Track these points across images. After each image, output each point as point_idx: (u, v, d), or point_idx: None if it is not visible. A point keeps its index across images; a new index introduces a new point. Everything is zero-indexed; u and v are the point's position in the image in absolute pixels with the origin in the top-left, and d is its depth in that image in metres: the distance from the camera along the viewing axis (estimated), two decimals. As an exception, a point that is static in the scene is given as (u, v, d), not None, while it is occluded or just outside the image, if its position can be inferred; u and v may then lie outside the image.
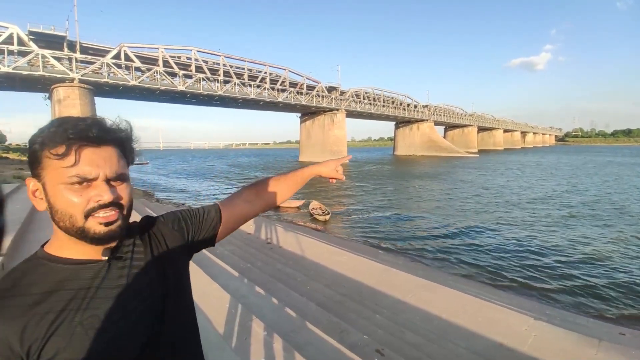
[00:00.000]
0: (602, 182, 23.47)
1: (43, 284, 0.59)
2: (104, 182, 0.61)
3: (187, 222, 0.80)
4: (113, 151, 0.63)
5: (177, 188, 24.41)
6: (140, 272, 0.67)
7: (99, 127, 0.61)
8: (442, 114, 74.51)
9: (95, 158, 0.60)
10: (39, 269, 0.61)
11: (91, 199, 0.60)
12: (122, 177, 0.64)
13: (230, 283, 4.17)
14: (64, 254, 0.63)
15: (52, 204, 0.60)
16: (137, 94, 37.37)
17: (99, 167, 0.60)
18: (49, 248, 0.64)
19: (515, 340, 3.44)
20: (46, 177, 0.59)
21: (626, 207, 14.30)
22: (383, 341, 3.23)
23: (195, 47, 37.87)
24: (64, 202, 0.59)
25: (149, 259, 0.70)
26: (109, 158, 0.62)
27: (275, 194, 0.97)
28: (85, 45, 31.25)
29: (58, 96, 29.01)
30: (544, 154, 70.90)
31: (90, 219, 0.60)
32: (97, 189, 0.60)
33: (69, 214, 0.59)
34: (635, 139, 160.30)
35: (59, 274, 0.61)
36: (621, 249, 8.74)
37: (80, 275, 0.62)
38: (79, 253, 0.63)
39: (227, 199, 0.92)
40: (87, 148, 0.60)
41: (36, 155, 0.59)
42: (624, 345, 3.67)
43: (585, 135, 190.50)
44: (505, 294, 5.92)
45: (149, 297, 0.66)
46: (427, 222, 12.20)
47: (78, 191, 0.59)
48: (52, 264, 0.62)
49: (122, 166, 0.65)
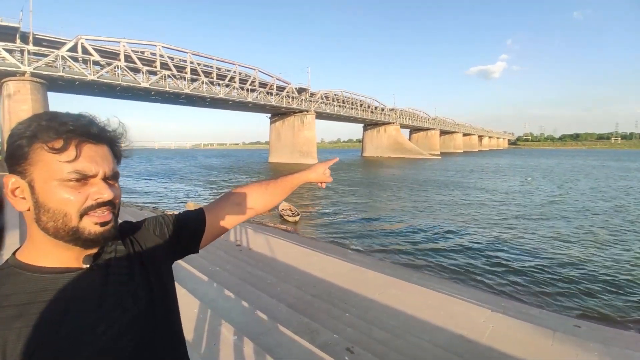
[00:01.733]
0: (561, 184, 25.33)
1: (19, 296, 0.55)
2: (103, 179, 0.59)
3: (170, 227, 0.78)
4: (107, 149, 0.62)
5: (142, 190, 23.31)
6: (124, 280, 0.65)
7: (97, 124, 0.60)
8: (408, 117, 77.14)
9: (94, 155, 0.58)
10: (13, 279, 0.56)
11: (90, 196, 0.57)
12: (117, 176, 0.63)
13: (199, 287, 4.08)
14: (40, 262, 0.59)
15: (41, 203, 0.55)
16: (95, 89, 35.19)
17: (98, 165, 0.58)
18: (22, 256, 0.60)
19: (475, 332, 3.65)
20: (35, 173, 0.55)
21: (582, 205, 15.57)
22: (352, 339, 3.32)
23: (160, 42, 36.36)
24: (58, 200, 0.55)
25: (132, 266, 0.67)
26: (105, 156, 0.60)
27: (264, 200, 0.94)
28: (39, 36, 29.01)
29: (8, 91, 26.75)
30: (500, 157, 75.43)
31: (85, 219, 0.57)
32: (97, 187, 0.58)
33: (63, 213, 0.55)
34: (582, 142, 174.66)
35: (36, 284, 0.56)
36: (576, 244, 9.50)
37: (60, 284, 0.58)
38: (58, 261, 0.59)
39: (212, 203, 0.88)
40: (87, 144, 0.57)
41: (23, 150, 0.55)
42: (579, 337, 3.84)
43: (535, 139, 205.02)
44: (466, 289, 6.26)
45: (133, 306, 0.63)
46: (394, 222, 12.58)
47: (75, 188, 0.56)
48: (29, 273, 0.57)
49: (116, 165, 0.63)
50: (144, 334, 0.64)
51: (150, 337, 0.65)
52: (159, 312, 0.68)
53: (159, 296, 0.69)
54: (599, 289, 6.50)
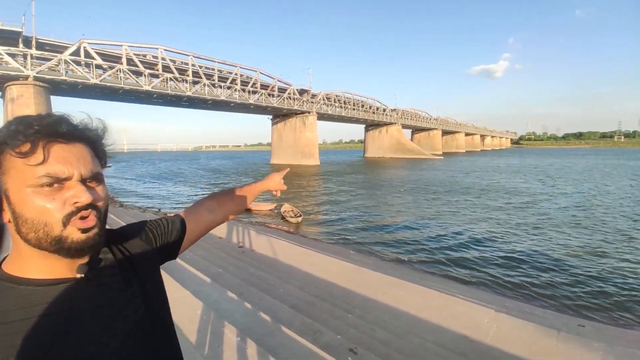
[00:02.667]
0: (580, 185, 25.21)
1: (13, 312, 0.50)
2: (79, 182, 0.54)
3: (154, 233, 0.76)
4: (85, 148, 0.57)
5: (143, 193, 23.41)
6: (121, 289, 0.62)
7: (67, 122, 0.55)
8: (410, 117, 76.99)
9: (66, 155, 0.53)
10: (4, 293, 0.52)
11: (67, 201, 0.52)
12: (98, 177, 0.57)
13: (202, 289, 4.09)
14: (29, 274, 0.54)
15: (18, 213, 0.51)
16: (98, 93, 35.34)
17: (72, 166, 0.53)
18: (8, 268, 0.55)
19: (479, 332, 3.64)
20: (8, 182, 0.51)
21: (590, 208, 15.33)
22: (355, 340, 3.32)
23: (162, 45, 36.55)
24: (35, 209, 0.51)
25: (126, 273, 0.64)
26: (82, 156, 0.55)
27: (235, 205, 1.00)
28: (42, 41, 29.22)
29: (11, 95, 26.98)
30: (508, 157, 74.69)
31: (69, 226, 0.52)
32: (73, 190, 0.53)
33: (43, 222, 0.51)
34: (586, 141, 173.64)
35: (30, 298, 0.52)
36: (579, 245, 9.45)
37: (55, 297, 0.54)
38: (49, 272, 0.55)
39: (189, 209, 0.89)
40: (57, 144, 0.53)
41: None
42: (584, 337, 3.84)
43: (538, 138, 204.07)
44: (469, 289, 6.23)
45: (134, 314, 0.61)
46: (396, 222, 12.55)
47: (50, 194, 0.51)
48: (20, 286, 0.53)
49: (97, 165, 0.58)
50: (146, 341, 0.62)
51: (153, 343, 0.64)
52: (157, 318, 0.67)
53: (155, 302, 0.68)
54: (605, 288, 6.46)
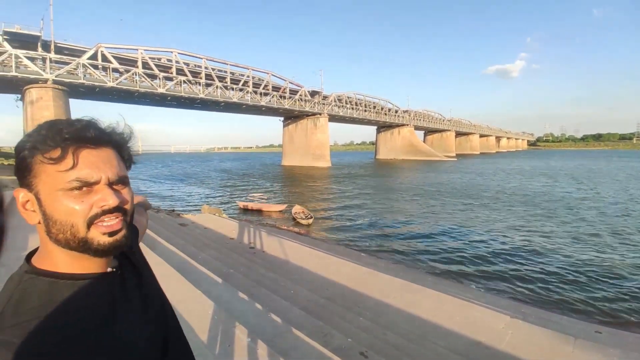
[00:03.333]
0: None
1: (49, 304, 0.52)
2: (107, 185, 0.56)
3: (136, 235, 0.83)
4: (112, 153, 0.59)
5: (157, 193, 23.83)
6: (149, 282, 0.68)
7: (95, 127, 0.57)
8: (422, 119, 76.24)
9: (95, 160, 0.55)
10: (31, 285, 0.54)
11: (94, 204, 0.54)
12: (125, 180, 0.59)
13: (213, 289, 4.11)
14: (59, 269, 0.56)
15: (48, 215, 0.54)
16: (114, 95, 36.26)
17: (100, 170, 0.55)
18: (39, 262, 0.57)
19: (493, 338, 3.56)
20: (39, 186, 0.54)
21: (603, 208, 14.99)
22: (366, 343, 3.28)
23: (176, 49, 37.26)
24: (64, 211, 0.53)
25: (140, 269, 0.69)
26: (108, 160, 0.57)
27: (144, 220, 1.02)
28: (60, 45, 30.16)
29: (31, 97, 27.81)
30: (519, 159, 72.96)
31: (92, 229, 0.54)
32: (101, 193, 0.55)
33: (70, 224, 0.53)
34: (605, 142, 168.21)
35: (66, 291, 0.54)
36: (596, 250, 9.17)
37: (93, 290, 0.56)
38: (79, 267, 0.57)
39: None
40: (85, 150, 0.55)
41: (26, 163, 0.54)
42: (600, 343, 3.76)
43: (556, 140, 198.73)
44: (483, 294, 6.10)
45: (162, 305, 0.67)
46: (409, 224, 12.43)
47: (79, 197, 0.53)
48: (47, 279, 0.55)
49: (123, 169, 0.60)
50: (168, 331, 0.66)
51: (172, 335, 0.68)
52: (170, 310, 0.72)
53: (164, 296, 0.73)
54: (625, 294, 6.24)
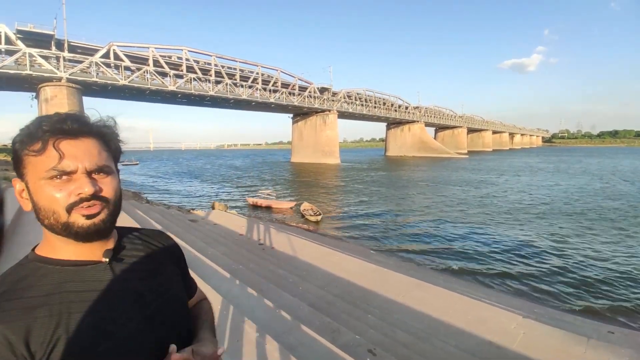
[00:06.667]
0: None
1: (42, 287, 0.58)
2: (85, 174, 0.59)
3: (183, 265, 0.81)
4: (93, 143, 0.62)
5: (168, 190, 24.16)
6: (142, 278, 0.67)
7: (73, 119, 0.60)
8: (433, 115, 75.26)
9: (73, 150, 0.59)
10: (36, 271, 0.59)
11: (72, 192, 0.58)
12: (105, 169, 0.62)
13: (222, 285, 4.15)
14: (58, 256, 0.62)
15: (35, 202, 0.59)
16: (126, 93, 36.80)
17: (77, 159, 0.59)
18: (41, 251, 0.63)
19: (505, 338, 3.50)
20: (28, 176, 0.59)
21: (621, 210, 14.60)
22: (375, 341, 3.26)
23: (186, 46, 37.56)
24: (46, 199, 0.58)
25: (152, 266, 0.71)
26: (88, 150, 0.60)
27: None
28: (74, 44, 30.69)
29: (45, 95, 28.44)
30: (534, 156, 71.38)
31: (73, 213, 0.58)
32: (78, 182, 0.59)
33: (52, 210, 0.58)
34: (621, 139, 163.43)
35: (58, 276, 0.59)
36: (611, 248, 8.95)
37: (81, 276, 0.61)
38: (75, 254, 0.62)
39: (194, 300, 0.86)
40: (64, 141, 0.59)
41: (18, 155, 0.59)
42: (613, 343, 3.70)
43: (572, 136, 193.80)
44: (494, 293, 6.02)
45: (153, 302, 0.66)
46: (419, 222, 12.31)
47: (59, 185, 0.58)
48: (49, 265, 0.60)
49: (105, 158, 0.63)
50: (164, 331, 0.66)
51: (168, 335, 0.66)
52: (175, 312, 0.70)
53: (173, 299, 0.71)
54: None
